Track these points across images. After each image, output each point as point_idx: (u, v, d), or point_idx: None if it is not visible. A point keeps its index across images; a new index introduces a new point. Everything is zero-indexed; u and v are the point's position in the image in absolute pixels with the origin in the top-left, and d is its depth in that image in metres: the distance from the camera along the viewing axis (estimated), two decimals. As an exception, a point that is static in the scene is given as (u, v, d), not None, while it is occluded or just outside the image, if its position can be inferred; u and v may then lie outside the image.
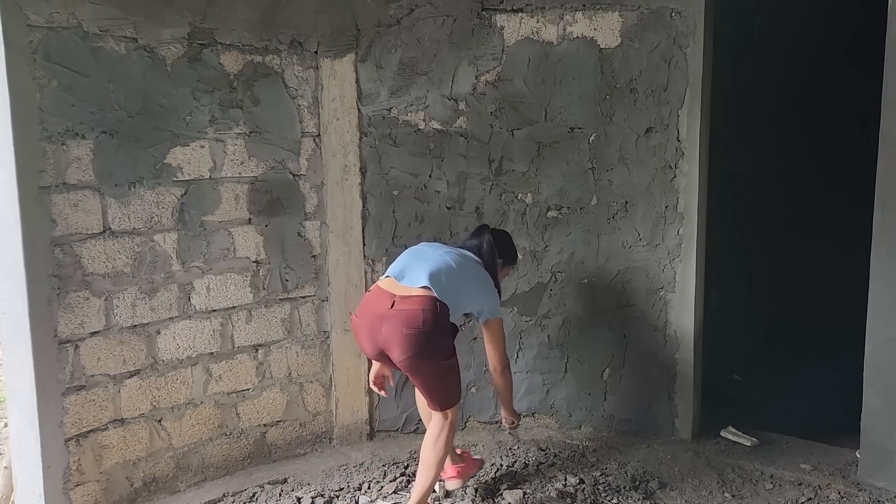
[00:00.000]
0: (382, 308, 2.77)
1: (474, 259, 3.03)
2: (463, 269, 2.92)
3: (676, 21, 3.45)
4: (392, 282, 2.85)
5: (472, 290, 2.94)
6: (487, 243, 3.06)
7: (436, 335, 2.75)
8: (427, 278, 2.79)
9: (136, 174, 3.02)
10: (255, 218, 3.40)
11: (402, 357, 2.73)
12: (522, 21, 3.59)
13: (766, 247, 5.28)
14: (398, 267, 2.92)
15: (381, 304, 2.78)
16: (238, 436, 3.43)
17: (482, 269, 3.02)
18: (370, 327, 2.79)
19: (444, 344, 2.81)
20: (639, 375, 3.70)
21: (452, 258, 2.93)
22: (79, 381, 2.91)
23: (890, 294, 3.07)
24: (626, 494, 3.18)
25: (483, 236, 3.09)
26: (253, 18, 3.30)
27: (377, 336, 2.77)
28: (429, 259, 2.90)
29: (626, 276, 3.67)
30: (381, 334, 2.76)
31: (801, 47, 5.07)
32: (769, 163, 5.20)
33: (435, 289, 2.77)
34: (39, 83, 2.73)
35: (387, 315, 2.74)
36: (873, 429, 3.17)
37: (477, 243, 3.08)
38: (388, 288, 2.83)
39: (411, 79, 3.61)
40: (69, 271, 2.85)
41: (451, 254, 2.96)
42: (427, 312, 2.71)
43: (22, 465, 2.90)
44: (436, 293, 2.76)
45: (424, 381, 2.85)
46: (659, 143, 3.54)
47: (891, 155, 3.04)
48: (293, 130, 3.48)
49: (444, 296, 2.78)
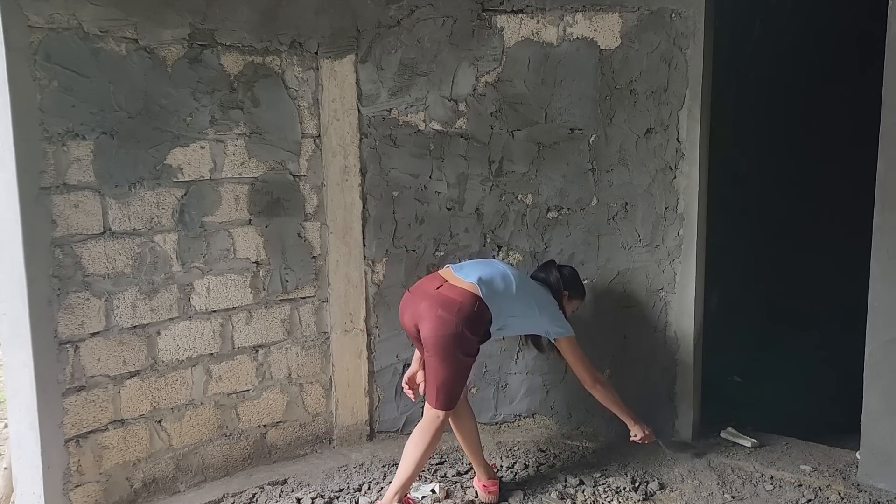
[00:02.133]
0: (430, 287, 2.96)
1: (539, 285, 3.20)
2: (522, 288, 3.06)
3: (676, 22, 3.45)
4: (449, 271, 3.04)
5: (528, 308, 3.05)
6: (555, 276, 3.24)
7: (465, 329, 2.86)
8: (478, 278, 2.95)
9: (137, 175, 3.02)
10: (256, 219, 3.40)
11: (429, 334, 2.87)
12: (522, 22, 3.59)
13: (766, 248, 5.28)
14: (462, 264, 3.13)
15: (431, 285, 2.98)
16: (238, 437, 3.43)
17: (548, 294, 3.18)
18: (413, 301, 2.97)
19: (470, 342, 2.92)
20: (639, 376, 3.70)
21: (514, 275, 3.08)
22: (79, 381, 2.91)
23: (890, 295, 3.07)
24: (626, 495, 3.18)
25: (551, 271, 3.27)
26: (253, 19, 3.30)
27: (417, 309, 2.93)
28: (491, 267, 3.09)
29: (626, 276, 3.67)
30: (419, 309, 2.92)
31: (802, 48, 5.08)
32: (770, 163, 5.20)
33: (483, 289, 2.91)
34: (40, 84, 2.73)
35: (430, 294, 2.92)
36: (874, 430, 3.17)
37: (544, 275, 3.26)
38: (443, 274, 3.04)
39: (411, 80, 3.61)
40: (69, 272, 2.85)
41: (515, 273, 3.11)
42: (465, 305, 2.86)
43: (22, 465, 2.90)
44: (481, 293, 2.90)
45: (436, 369, 2.91)
46: (659, 144, 3.55)
47: (891, 156, 3.03)
48: (293, 131, 3.48)
49: (489, 299, 2.91)
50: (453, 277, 2.98)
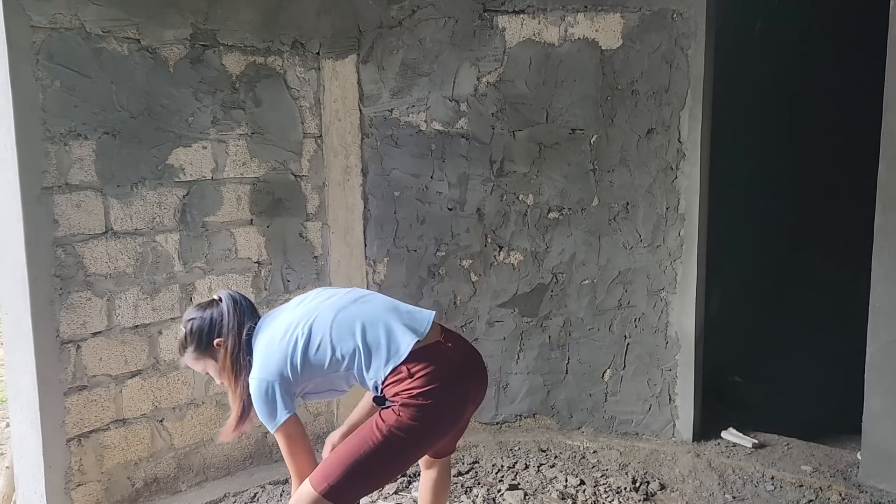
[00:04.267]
0: (475, 358, 2.24)
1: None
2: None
3: (678, 22, 3.45)
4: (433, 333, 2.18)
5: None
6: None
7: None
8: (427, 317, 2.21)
9: (139, 175, 3.02)
10: (257, 219, 3.41)
11: (482, 398, 2.28)
12: (524, 22, 3.59)
13: (767, 248, 5.29)
14: (392, 323, 2.14)
15: (466, 347, 2.23)
16: (239, 436, 3.43)
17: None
18: (478, 385, 2.23)
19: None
20: (640, 376, 3.70)
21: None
22: (80, 381, 2.91)
23: (891, 296, 3.07)
24: (626, 496, 3.18)
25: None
26: (255, 20, 3.30)
27: (480, 393, 2.25)
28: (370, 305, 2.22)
29: (627, 277, 3.67)
30: (481, 391, 2.26)
31: (803, 48, 5.08)
32: (770, 164, 5.20)
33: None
34: (42, 84, 2.73)
35: (481, 367, 2.25)
36: (875, 431, 3.17)
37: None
38: (443, 339, 2.17)
39: (413, 80, 3.61)
40: (71, 272, 2.86)
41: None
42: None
43: (24, 465, 2.90)
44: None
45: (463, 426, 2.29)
46: (660, 145, 3.55)
47: (892, 156, 3.04)
48: (295, 131, 3.48)
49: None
50: (436, 331, 2.18)
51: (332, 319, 2.14)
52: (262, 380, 2.10)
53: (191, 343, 2.20)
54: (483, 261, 3.74)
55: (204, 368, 2.26)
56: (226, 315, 2.19)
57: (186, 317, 2.23)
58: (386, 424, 2.05)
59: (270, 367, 2.11)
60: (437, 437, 2.15)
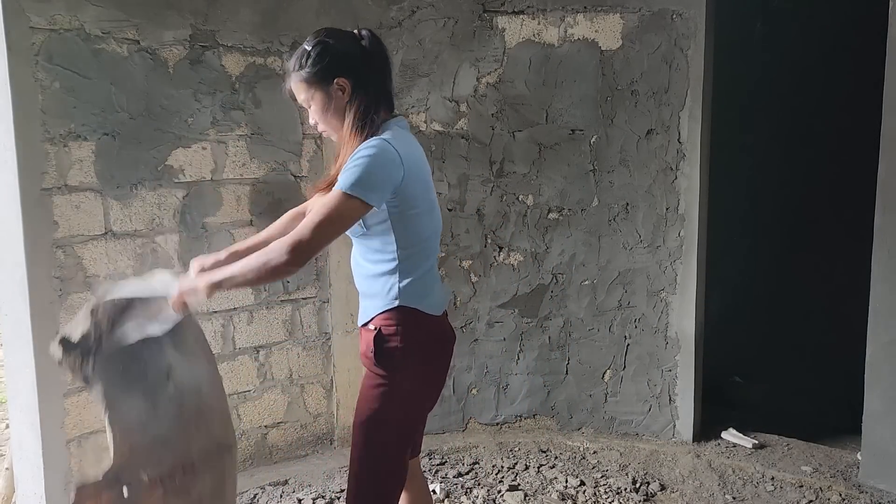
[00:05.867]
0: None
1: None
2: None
3: (677, 23, 3.45)
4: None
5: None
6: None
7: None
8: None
9: (138, 176, 3.02)
10: (257, 219, 3.40)
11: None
12: (523, 23, 3.59)
13: (767, 248, 5.28)
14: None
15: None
16: (239, 437, 3.43)
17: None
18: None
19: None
20: (640, 377, 3.70)
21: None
22: (80, 382, 2.91)
23: (891, 296, 3.07)
24: (626, 496, 3.18)
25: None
26: (254, 20, 3.30)
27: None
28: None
29: (627, 277, 3.67)
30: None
31: (803, 49, 5.08)
32: (770, 164, 5.19)
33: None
34: (41, 85, 2.73)
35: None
36: (875, 431, 3.17)
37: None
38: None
39: (412, 80, 3.61)
40: (71, 273, 2.86)
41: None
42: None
43: (23, 466, 2.90)
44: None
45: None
46: (660, 145, 3.55)
47: (892, 157, 3.04)
48: (295, 132, 3.48)
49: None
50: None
51: (437, 226, 2.03)
52: (395, 151, 1.80)
53: (317, 64, 1.88)
54: (483, 261, 3.74)
55: (308, 99, 1.93)
56: (368, 62, 1.93)
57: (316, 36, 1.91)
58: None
59: (406, 156, 1.82)
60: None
